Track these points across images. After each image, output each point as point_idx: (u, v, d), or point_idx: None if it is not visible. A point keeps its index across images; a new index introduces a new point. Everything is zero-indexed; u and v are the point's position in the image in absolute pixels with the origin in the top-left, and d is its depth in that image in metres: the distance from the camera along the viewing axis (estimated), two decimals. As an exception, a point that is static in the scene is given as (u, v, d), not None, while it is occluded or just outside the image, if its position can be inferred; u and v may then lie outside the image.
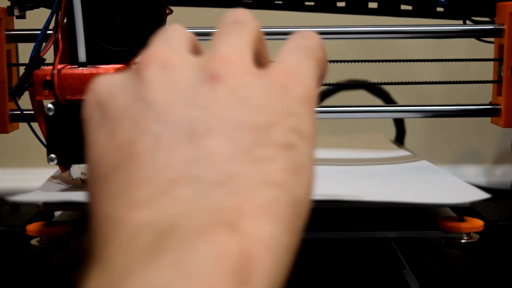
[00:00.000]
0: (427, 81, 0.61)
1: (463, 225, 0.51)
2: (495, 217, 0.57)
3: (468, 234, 0.51)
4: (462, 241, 0.51)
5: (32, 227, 0.50)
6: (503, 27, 0.58)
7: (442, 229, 0.51)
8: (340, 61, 0.61)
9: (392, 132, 0.85)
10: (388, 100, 0.82)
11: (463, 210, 0.52)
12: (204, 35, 0.59)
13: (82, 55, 0.52)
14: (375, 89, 0.82)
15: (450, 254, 0.55)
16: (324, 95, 0.83)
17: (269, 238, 0.24)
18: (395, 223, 0.53)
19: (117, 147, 0.26)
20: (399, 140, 0.84)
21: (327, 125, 0.97)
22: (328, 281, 0.52)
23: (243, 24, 0.31)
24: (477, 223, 0.51)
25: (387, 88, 0.83)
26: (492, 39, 0.61)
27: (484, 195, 0.48)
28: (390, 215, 0.54)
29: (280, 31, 0.59)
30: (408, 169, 0.62)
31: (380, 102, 0.82)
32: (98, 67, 0.51)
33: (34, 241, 0.50)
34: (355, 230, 0.52)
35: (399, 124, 0.84)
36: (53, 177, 0.57)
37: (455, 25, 0.60)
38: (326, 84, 0.64)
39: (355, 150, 0.70)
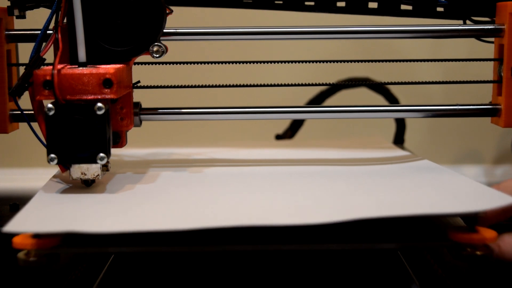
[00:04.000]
0: (427, 81, 0.61)
1: (475, 236, 0.46)
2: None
3: (480, 246, 0.46)
4: (473, 253, 0.46)
5: (18, 239, 0.46)
6: (503, 27, 0.58)
7: (452, 240, 0.47)
8: (340, 61, 0.61)
9: (392, 131, 0.85)
10: (388, 96, 0.82)
11: (474, 220, 0.48)
12: (204, 34, 0.59)
13: (82, 55, 0.52)
14: (374, 86, 0.82)
15: (461, 268, 0.51)
16: (324, 95, 0.83)
17: None
18: (402, 233, 0.49)
19: None
20: (399, 139, 0.84)
21: (327, 125, 0.97)
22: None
23: None
24: (490, 234, 0.46)
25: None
26: (492, 39, 0.61)
27: (507, 200, 0.45)
28: (397, 224, 0.49)
29: (280, 31, 0.60)
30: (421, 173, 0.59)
31: (380, 99, 0.82)
32: (98, 67, 0.51)
33: (21, 254, 0.47)
34: (360, 241, 0.48)
35: (400, 124, 0.84)
36: (55, 176, 0.57)
37: (455, 25, 0.60)
38: (326, 84, 0.63)
39: (365, 160, 0.67)
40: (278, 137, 0.86)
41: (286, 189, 0.54)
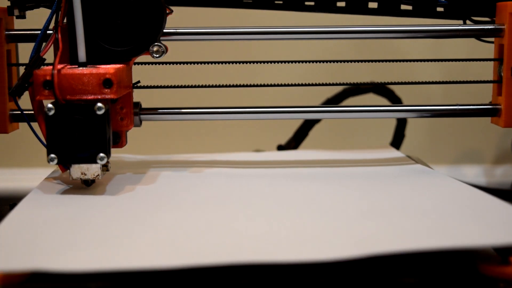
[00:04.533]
0: (427, 81, 0.61)
1: (509, 270, 0.40)
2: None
3: None
4: None
5: None
6: (503, 27, 0.58)
7: (483, 274, 0.40)
8: (340, 61, 0.61)
9: (392, 129, 0.85)
10: (393, 98, 0.80)
11: (508, 250, 0.41)
12: (204, 34, 0.59)
13: (82, 55, 0.52)
14: (380, 90, 0.80)
15: None
16: (333, 101, 0.80)
17: None
18: (424, 263, 0.42)
19: None
20: (399, 135, 0.83)
21: (326, 125, 0.97)
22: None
23: None
24: None
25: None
26: (492, 39, 0.61)
27: None
28: (418, 256, 0.41)
29: (280, 31, 0.60)
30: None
31: (381, 98, 0.82)
32: (98, 67, 0.51)
33: None
34: (374, 273, 0.41)
35: (400, 120, 0.84)
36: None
37: (455, 25, 0.60)
38: (326, 84, 0.63)
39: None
40: (280, 148, 0.79)
41: (290, 211, 0.48)
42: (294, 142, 0.80)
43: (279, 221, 0.45)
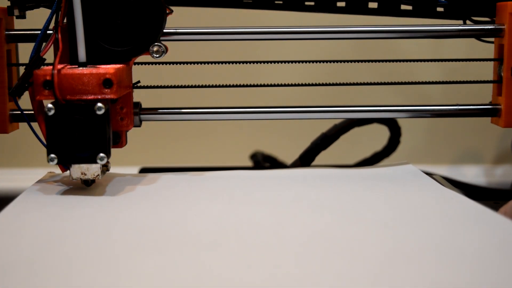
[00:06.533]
0: (427, 81, 0.61)
1: None
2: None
3: None
4: None
5: None
6: (503, 27, 0.58)
7: None
8: (340, 61, 0.61)
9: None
10: (393, 127, 0.77)
11: None
12: (204, 34, 0.59)
13: (82, 55, 0.52)
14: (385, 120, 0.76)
15: None
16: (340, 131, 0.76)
17: None
18: None
19: None
20: (395, 140, 0.83)
21: (325, 125, 0.97)
22: None
23: None
24: None
25: (388, 91, 0.83)
26: (492, 39, 0.61)
27: None
28: None
29: (280, 31, 0.60)
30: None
31: (379, 100, 0.82)
32: (98, 67, 0.51)
33: None
34: None
35: (394, 128, 0.83)
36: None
37: (455, 25, 0.60)
38: (326, 84, 0.63)
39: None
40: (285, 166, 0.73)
41: (299, 252, 0.38)
42: (300, 163, 0.73)
43: (286, 267, 0.36)
